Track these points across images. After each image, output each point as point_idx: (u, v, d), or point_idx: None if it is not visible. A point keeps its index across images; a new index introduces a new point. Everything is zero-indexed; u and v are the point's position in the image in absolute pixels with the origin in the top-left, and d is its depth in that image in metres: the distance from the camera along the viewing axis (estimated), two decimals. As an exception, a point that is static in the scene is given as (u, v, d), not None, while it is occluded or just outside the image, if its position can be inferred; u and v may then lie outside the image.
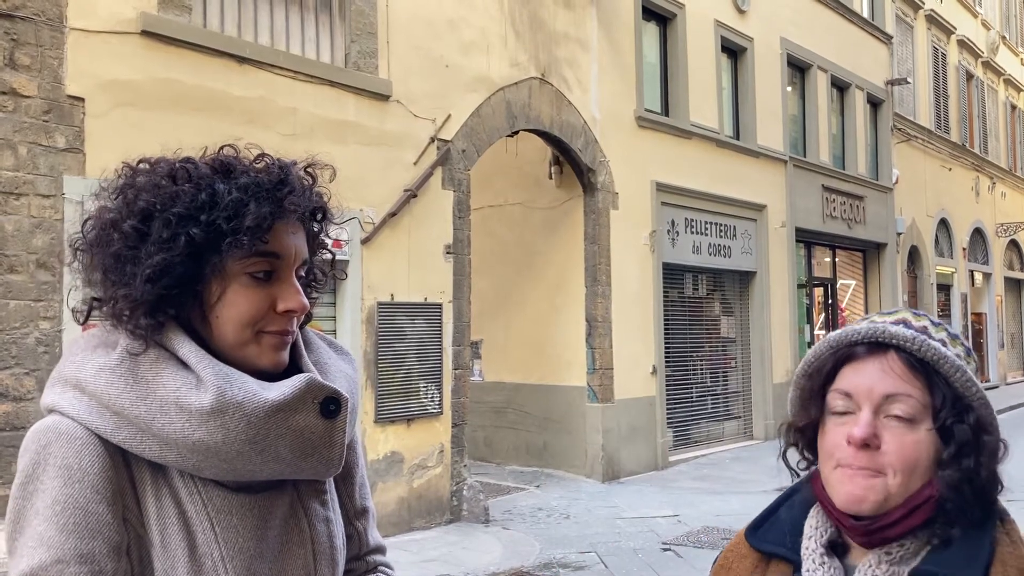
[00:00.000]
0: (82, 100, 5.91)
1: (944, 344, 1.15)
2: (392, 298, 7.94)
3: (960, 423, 1.10)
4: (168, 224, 1.13)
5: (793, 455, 1.27)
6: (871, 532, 1.12)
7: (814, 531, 1.20)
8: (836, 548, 1.18)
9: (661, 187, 11.54)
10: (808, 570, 1.17)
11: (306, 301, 1.22)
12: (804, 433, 1.22)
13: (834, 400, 1.15)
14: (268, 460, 1.15)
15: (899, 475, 1.09)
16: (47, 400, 1.16)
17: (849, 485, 1.11)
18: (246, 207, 1.15)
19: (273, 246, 1.18)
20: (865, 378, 1.13)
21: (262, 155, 1.24)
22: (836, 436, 1.13)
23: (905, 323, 1.16)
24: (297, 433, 1.15)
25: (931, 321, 1.18)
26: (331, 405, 1.19)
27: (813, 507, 1.22)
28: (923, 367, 1.11)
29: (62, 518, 1.06)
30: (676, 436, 11.96)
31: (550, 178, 10.87)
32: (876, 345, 1.14)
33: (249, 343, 1.19)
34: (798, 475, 1.26)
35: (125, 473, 1.13)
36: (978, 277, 23.20)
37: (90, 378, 1.13)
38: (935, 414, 1.10)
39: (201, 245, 1.14)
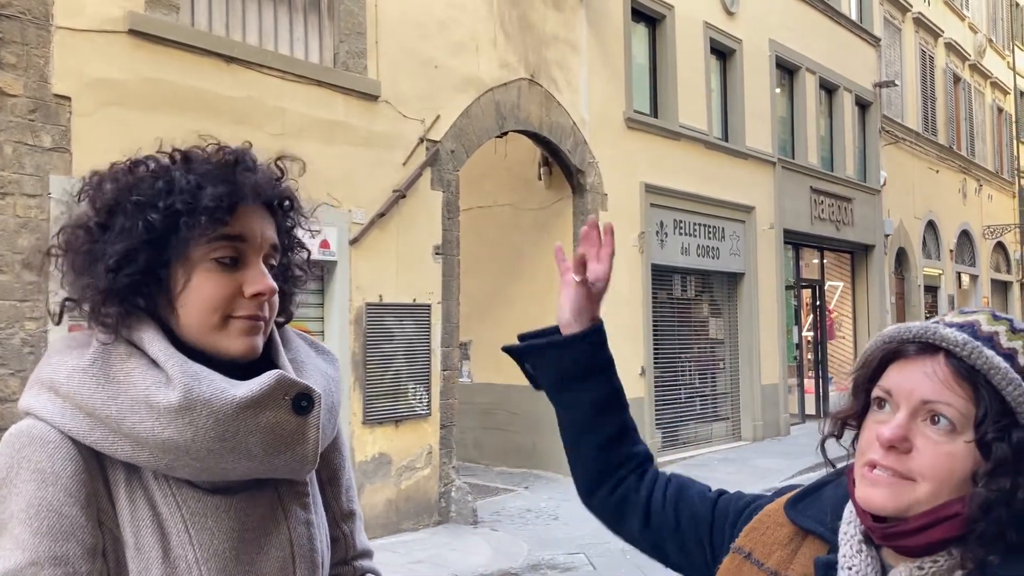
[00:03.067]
0: (68, 99, 5.87)
1: (1015, 353, 1.07)
2: (380, 299, 7.92)
3: (1001, 440, 1.02)
4: (127, 213, 1.15)
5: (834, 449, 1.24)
6: (888, 536, 1.08)
7: (853, 517, 1.16)
8: (872, 541, 1.14)
9: (650, 188, 11.56)
10: (844, 555, 1.13)
11: (273, 283, 1.22)
12: (849, 425, 1.18)
13: (876, 396, 1.12)
14: (240, 458, 1.14)
15: (928, 484, 1.04)
16: (23, 403, 1.17)
17: (870, 487, 1.07)
18: (203, 190, 1.16)
19: (236, 229, 1.19)
20: (908, 379, 1.08)
21: (221, 147, 1.26)
22: (870, 433, 1.10)
23: (973, 326, 1.09)
24: (268, 430, 1.15)
25: (1012, 327, 1.10)
26: (303, 401, 1.18)
27: None
28: (972, 375, 1.04)
29: (36, 521, 1.07)
30: (664, 437, 11.97)
31: (539, 179, 10.87)
32: (927, 346, 1.08)
33: (217, 329, 1.18)
34: (833, 466, 1.23)
35: (99, 475, 1.13)
36: (965, 279, 23.33)
37: (64, 379, 1.13)
38: (977, 426, 1.03)
39: (160, 230, 1.15)
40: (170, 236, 1.15)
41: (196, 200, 1.15)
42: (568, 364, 1.47)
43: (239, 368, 1.20)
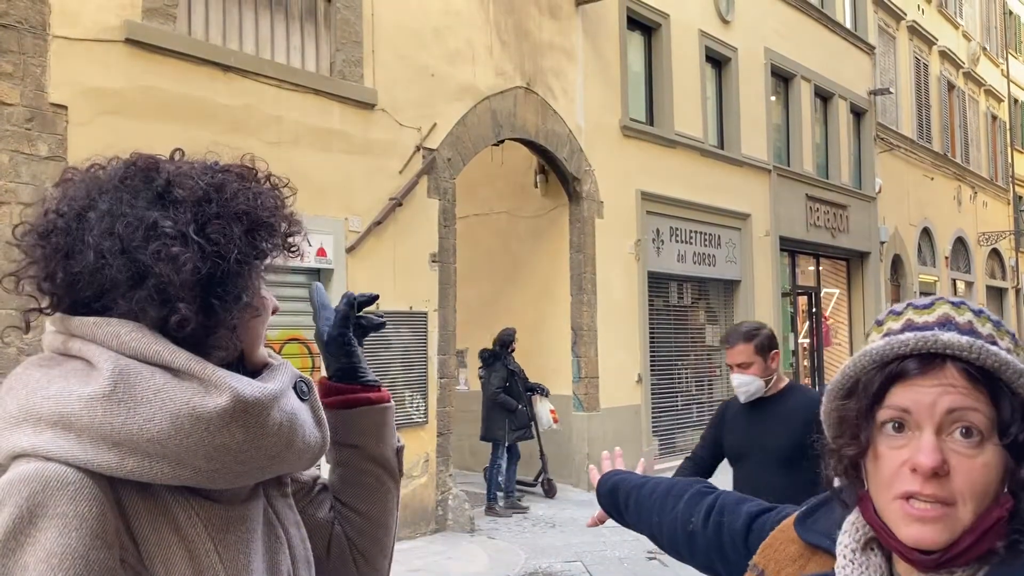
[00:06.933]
0: (65, 108, 5.87)
1: (994, 341, 1.02)
2: (377, 307, 7.87)
3: None
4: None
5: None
6: (940, 565, 1.00)
7: (851, 526, 1.11)
8: (880, 545, 1.09)
9: (646, 196, 11.57)
10: (840, 567, 1.09)
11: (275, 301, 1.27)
12: (851, 458, 1.09)
13: (887, 419, 1.02)
14: (281, 450, 1.13)
15: (970, 503, 0.97)
16: (11, 446, 1.04)
17: (919, 525, 0.98)
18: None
19: None
20: (925, 395, 0.99)
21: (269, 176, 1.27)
22: (894, 462, 1.01)
23: (950, 321, 1.04)
24: (292, 417, 1.15)
25: (973, 312, 1.05)
26: (303, 386, 1.21)
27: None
28: (984, 376, 0.99)
29: (59, 572, 0.96)
30: (661, 444, 11.96)
31: (535, 187, 10.89)
32: (929, 356, 1.01)
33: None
34: (846, 505, 1.13)
35: (118, 511, 1.05)
36: (960, 286, 23.36)
37: (80, 411, 1.02)
38: (1003, 429, 0.97)
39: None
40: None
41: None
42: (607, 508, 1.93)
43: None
